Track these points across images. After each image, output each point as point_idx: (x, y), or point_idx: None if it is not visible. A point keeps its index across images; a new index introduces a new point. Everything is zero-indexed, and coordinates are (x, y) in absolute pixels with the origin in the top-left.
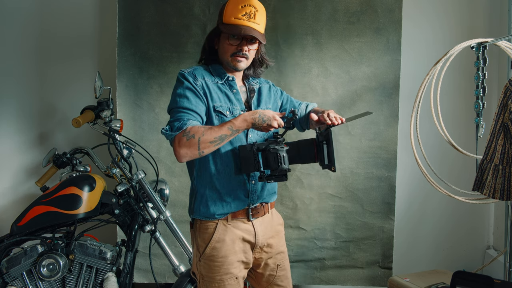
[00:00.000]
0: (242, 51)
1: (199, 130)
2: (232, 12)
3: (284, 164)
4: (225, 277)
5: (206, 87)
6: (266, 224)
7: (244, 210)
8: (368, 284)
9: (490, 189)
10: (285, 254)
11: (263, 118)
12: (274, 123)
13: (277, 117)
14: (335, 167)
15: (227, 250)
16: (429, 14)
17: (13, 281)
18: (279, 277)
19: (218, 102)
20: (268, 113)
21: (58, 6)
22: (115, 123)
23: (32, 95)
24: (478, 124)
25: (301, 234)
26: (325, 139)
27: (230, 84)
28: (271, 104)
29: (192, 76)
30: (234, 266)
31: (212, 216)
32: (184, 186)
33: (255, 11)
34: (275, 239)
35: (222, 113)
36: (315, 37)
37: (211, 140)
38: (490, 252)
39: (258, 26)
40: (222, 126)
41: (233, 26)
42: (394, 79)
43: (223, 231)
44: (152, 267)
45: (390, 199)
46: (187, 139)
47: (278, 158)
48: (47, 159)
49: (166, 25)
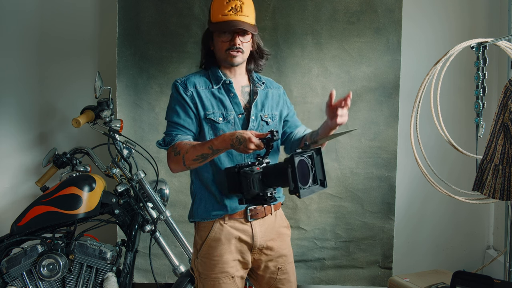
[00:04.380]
0: (235, 45)
1: (184, 147)
2: (218, 9)
3: (253, 189)
4: (220, 276)
5: (197, 97)
6: (267, 226)
7: (242, 211)
8: (368, 284)
9: (490, 189)
10: (287, 258)
11: (240, 140)
12: (251, 145)
13: (254, 139)
14: (299, 193)
15: (222, 249)
16: (429, 14)
17: (13, 281)
18: (280, 280)
19: (211, 109)
20: (246, 134)
21: (58, 6)
22: (115, 123)
23: (32, 95)
24: (478, 124)
25: (301, 234)
26: (289, 163)
27: (227, 88)
28: (278, 110)
29: (183, 86)
30: (230, 265)
31: (208, 217)
32: (184, 186)
33: (241, 4)
34: (277, 242)
35: (213, 121)
36: (315, 37)
37: (194, 158)
38: (490, 252)
39: (247, 18)
40: (204, 144)
41: (221, 23)
42: (394, 79)
43: (219, 230)
44: (152, 267)
45: (390, 199)
46: (175, 155)
47: (247, 182)
48: (47, 159)
49: (166, 25)
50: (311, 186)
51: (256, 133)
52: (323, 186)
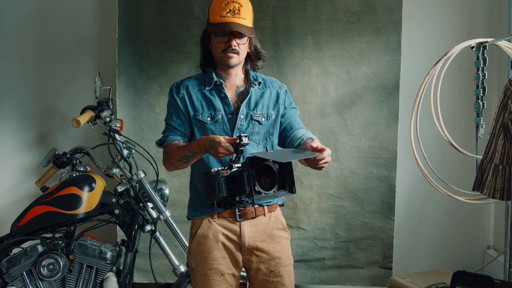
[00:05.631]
0: (231, 46)
1: (171, 148)
2: (216, 11)
3: (218, 192)
4: (210, 272)
5: (188, 98)
6: (258, 227)
7: (230, 210)
8: (368, 284)
9: (490, 189)
10: (281, 261)
11: (211, 144)
12: (220, 149)
13: (223, 143)
14: (254, 198)
15: (210, 246)
16: (429, 14)
17: (13, 281)
18: (272, 282)
19: (200, 110)
20: (218, 138)
21: (58, 6)
22: (115, 123)
23: (32, 95)
24: (478, 124)
25: (301, 234)
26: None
27: (218, 89)
28: (275, 110)
29: (176, 89)
30: (219, 262)
31: (197, 214)
32: (184, 186)
33: (239, 6)
34: (268, 244)
35: (202, 121)
36: (315, 37)
37: (178, 158)
38: (490, 252)
39: (244, 21)
40: (185, 147)
41: (218, 24)
42: (394, 79)
43: (207, 227)
44: (152, 267)
45: (390, 199)
46: (166, 155)
47: (213, 185)
48: (47, 159)
49: (166, 25)
50: (276, 192)
51: (227, 138)
52: (291, 192)
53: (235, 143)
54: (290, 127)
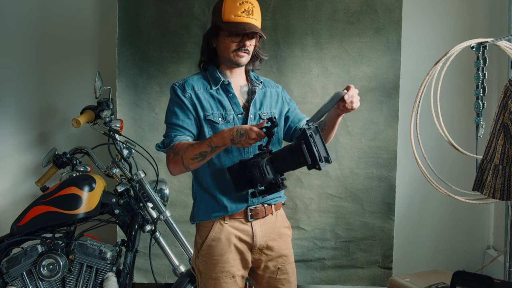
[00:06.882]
0: (244, 46)
1: (182, 147)
2: (231, 9)
3: (268, 175)
4: (221, 275)
5: (195, 98)
6: (268, 226)
7: (242, 211)
8: (368, 284)
9: (490, 189)
10: (288, 258)
11: (241, 132)
12: (252, 134)
13: (255, 128)
14: (319, 165)
15: (222, 248)
16: (429, 14)
17: (13, 281)
18: (279, 280)
19: (210, 110)
20: (245, 126)
21: (58, 6)
22: (115, 123)
23: (32, 95)
24: (478, 124)
25: (301, 234)
26: (303, 139)
27: (226, 88)
28: (277, 108)
29: (181, 89)
30: (230, 264)
31: (209, 218)
32: (184, 186)
33: (252, 7)
34: (277, 242)
35: (213, 121)
36: (315, 37)
37: (192, 157)
38: (490, 252)
39: (256, 22)
40: (202, 142)
41: (234, 23)
42: (394, 79)
43: (219, 229)
44: (152, 267)
45: (390, 199)
46: (173, 156)
47: (260, 169)
48: (47, 159)
49: (166, 25)
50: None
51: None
52: (328, 162)
53: (265, 127)
54: (298, 119)
